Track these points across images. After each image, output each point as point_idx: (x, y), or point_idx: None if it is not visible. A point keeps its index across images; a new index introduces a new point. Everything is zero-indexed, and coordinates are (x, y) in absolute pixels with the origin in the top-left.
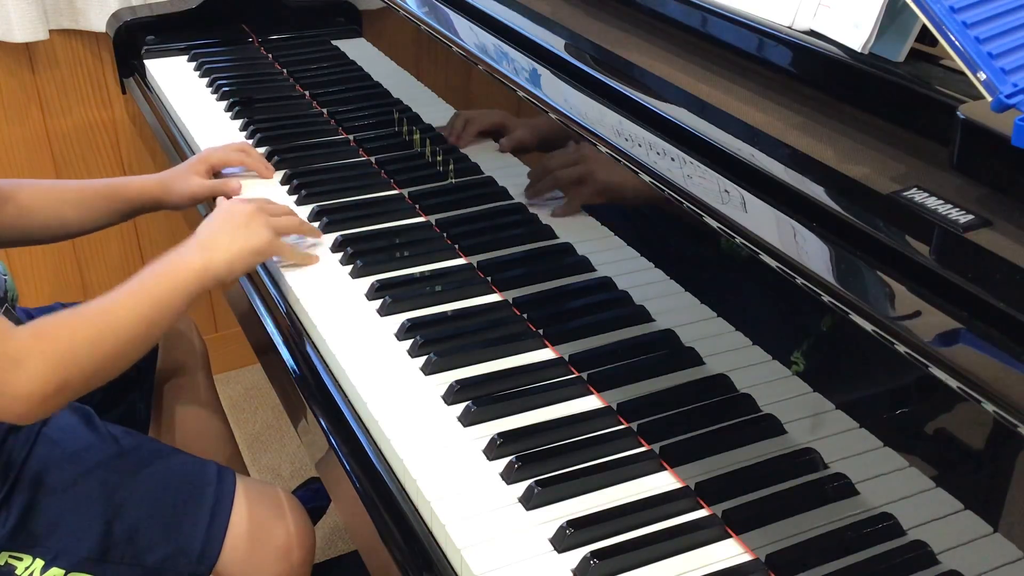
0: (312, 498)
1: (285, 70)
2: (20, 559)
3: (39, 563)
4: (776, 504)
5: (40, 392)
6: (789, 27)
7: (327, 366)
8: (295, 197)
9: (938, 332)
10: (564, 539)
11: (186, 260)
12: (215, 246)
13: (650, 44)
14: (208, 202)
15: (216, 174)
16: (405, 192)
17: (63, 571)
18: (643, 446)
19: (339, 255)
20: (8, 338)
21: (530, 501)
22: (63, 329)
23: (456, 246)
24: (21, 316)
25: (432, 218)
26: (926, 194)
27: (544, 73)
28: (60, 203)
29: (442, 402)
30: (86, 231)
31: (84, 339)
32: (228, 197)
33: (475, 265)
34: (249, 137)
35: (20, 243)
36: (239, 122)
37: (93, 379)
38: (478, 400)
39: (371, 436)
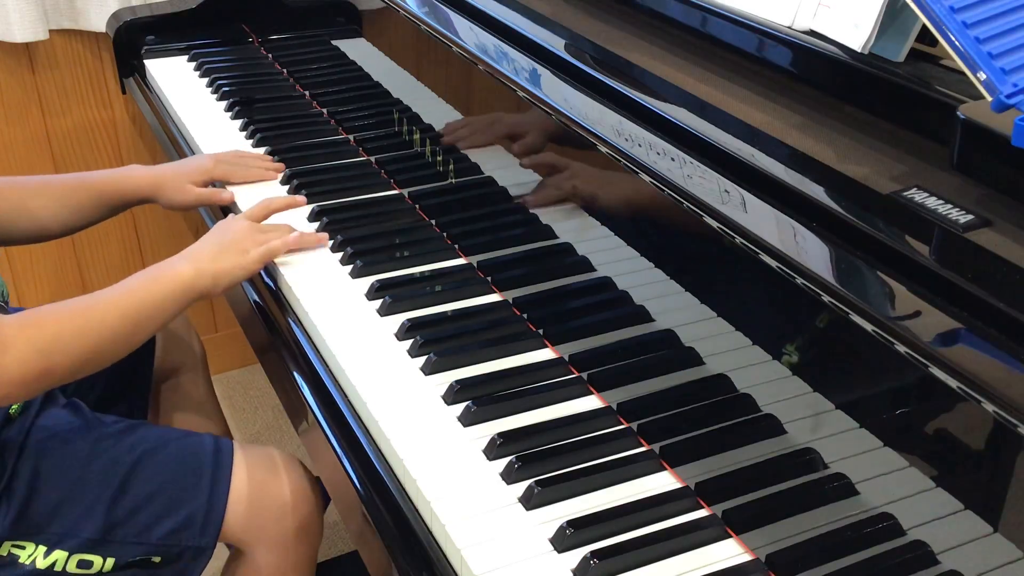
0: None
1: (285, 70)
2: (23, 547)
3: (42, 549)
4: (776, 504)
5: (22, 377)
6: (789, 27)
7: (327, 366)
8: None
9: (938, 332)
10: (564, 539)
11: (175, 270)
12: (203, 260)
13: (650, 44)
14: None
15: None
16: (405, 192)
17: (67, 554)
18: (643, 446)
19: (339, 255)
20: None
21: (530, 501)
22: (49, 318)
23: (456, 246)
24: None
25: (432, 218)
26: (926, 194)
27: (544, 73)
28: (44, 202)
29: (442, 402)
30: (74, 229)
31: (69, 330)
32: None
33: (475, 265)
34: (249, 137)
35: (6, 243)
36: (239, 122)
37: (75, 369)
38: (478, 400)
39: (371, 436)
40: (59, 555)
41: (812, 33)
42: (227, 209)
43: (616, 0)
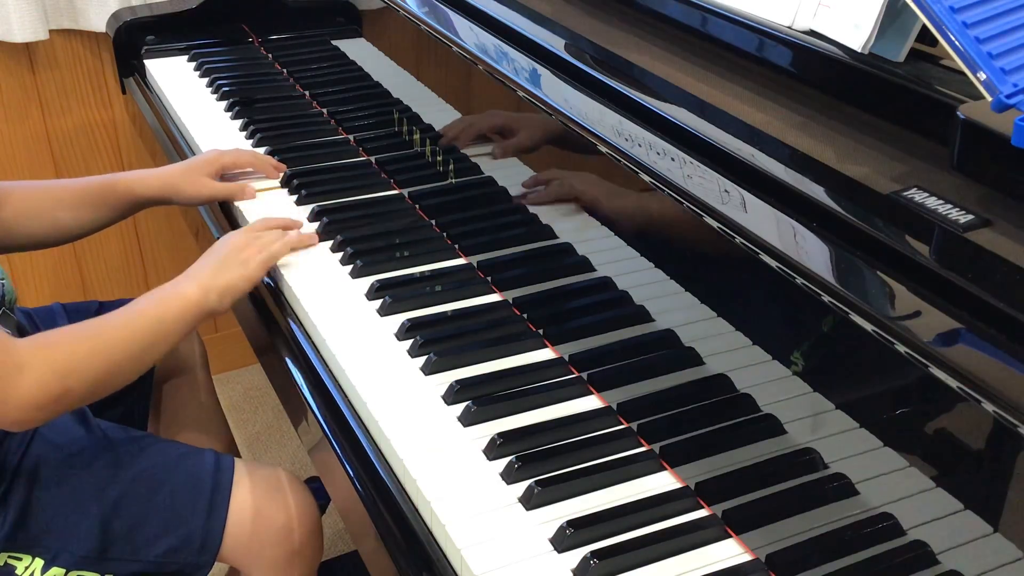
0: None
1: (285, 70)
2: (19, 559)
3: (39, 563)
4: (776, 504)
5: (38, 401)
6: (789, 27)
7: (327, 366)
8: (295, 197)
9: (938, 332)
10: (564, 539)
11: (183, 292)
12: (206, 277)
13: (650, 44)
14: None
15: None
16: (405, 192)
17: (63, 570)
18: (643, 446)
19: (339, 255)
20: (11, 349)
21: (530, 501)
22: (63, 342)
23: (456, 246)
24: (20, 317)
25: (432, 218)
26: (926, 194)
27: (544, 73)
28: (55, 205)
29: (442, 402)
30: (86, 233)
31: (84, 352)
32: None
33: (475, 265)
34: (249, 137)
35: (15, 249)
36: (239, 122)
37: (91, 391)
38: (478, 400)
39: (371, 436)
40: (57, 572)
41: (812, 33)
42: (230, 216)
43: (616, 0)
